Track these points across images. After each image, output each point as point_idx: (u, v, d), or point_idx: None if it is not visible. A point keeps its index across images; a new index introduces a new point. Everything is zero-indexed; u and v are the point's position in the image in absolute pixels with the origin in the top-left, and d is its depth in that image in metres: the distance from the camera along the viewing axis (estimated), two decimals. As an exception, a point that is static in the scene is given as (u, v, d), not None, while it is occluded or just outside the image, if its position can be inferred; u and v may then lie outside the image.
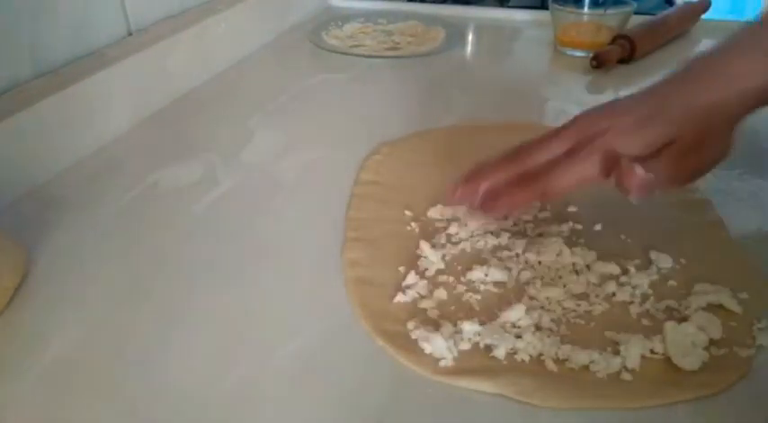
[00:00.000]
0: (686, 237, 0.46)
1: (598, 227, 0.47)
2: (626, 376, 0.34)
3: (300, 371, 0.36)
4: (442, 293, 0.41)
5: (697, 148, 0.39)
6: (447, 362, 0.35)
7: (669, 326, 0.36)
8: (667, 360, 0.35)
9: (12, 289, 0.41)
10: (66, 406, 0.34)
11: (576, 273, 0.42)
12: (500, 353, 0.36)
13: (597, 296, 0.40)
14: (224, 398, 0.34)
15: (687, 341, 0.35)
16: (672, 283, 0.41)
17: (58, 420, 0.33)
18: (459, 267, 0.43)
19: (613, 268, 0.42)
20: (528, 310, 0.38)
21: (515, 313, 0.38)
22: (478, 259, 0.44)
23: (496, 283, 0.41)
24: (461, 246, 0.45)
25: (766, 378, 0.35)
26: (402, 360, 0.36)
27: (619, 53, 0.78)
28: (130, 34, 0.69)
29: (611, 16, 0.82)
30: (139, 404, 0.34)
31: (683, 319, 0.37)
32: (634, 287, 0.41)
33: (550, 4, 0.84)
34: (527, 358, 0.36)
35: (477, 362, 0.36)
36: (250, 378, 0.35)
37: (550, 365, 0.35)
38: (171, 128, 0.65)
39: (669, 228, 0.47)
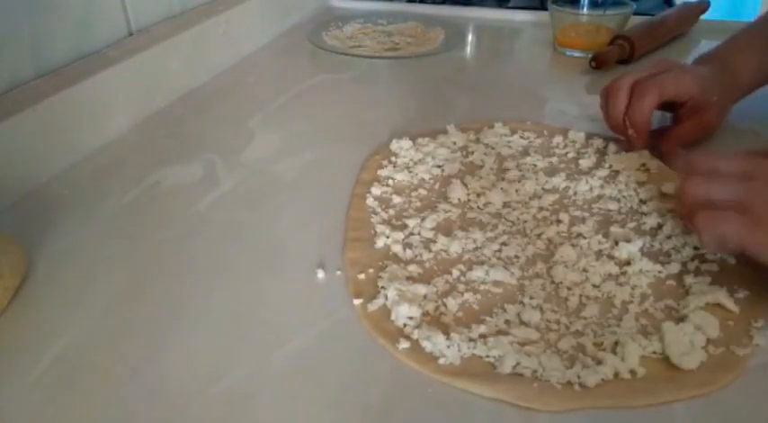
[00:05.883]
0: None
1: (595, 226, 0.47)
2: (624, 375, 0.35)
3: (300, 370, 0.36)
4: (442, 293, 0.41)
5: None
6: (447, 360, 0.36)
7: (667, 325, 0.36)
8: (665, 359, 0.35)
9: (13, 289, 0.41)
10: (67, 406, 0.34)
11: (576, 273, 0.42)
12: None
13: (596, 296, 0.41)
14: (224, 397, 0.34)
15: (685, 340, 0.36)
16: (670, 282, 0.42)
17: (58, 420, 0.33)
18: (460, 267, 0.43)
19: (613, 268, 0.43)
20: (530, 310, 0.39)
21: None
22: (478, 259, 0.44)
23: (496, 283, 0.42)
24: (461, 246, 0.45)
25: (763, 377, 0.35)
26: (402, 358, 0.36)
27: (618, 54, 0.79)
28: (131, 34, 0.69)
29: (611, 17, 0.82)
30: (139, 404, 0.34)
31: (682, 319, 0.38)
32: (633, 287, 0.41)
33: (550, 5, 0.84)
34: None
35: (478, 363, 0.36)
36: (250, 378, 0.35)
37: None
38: (172, 128, 0.65)
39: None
